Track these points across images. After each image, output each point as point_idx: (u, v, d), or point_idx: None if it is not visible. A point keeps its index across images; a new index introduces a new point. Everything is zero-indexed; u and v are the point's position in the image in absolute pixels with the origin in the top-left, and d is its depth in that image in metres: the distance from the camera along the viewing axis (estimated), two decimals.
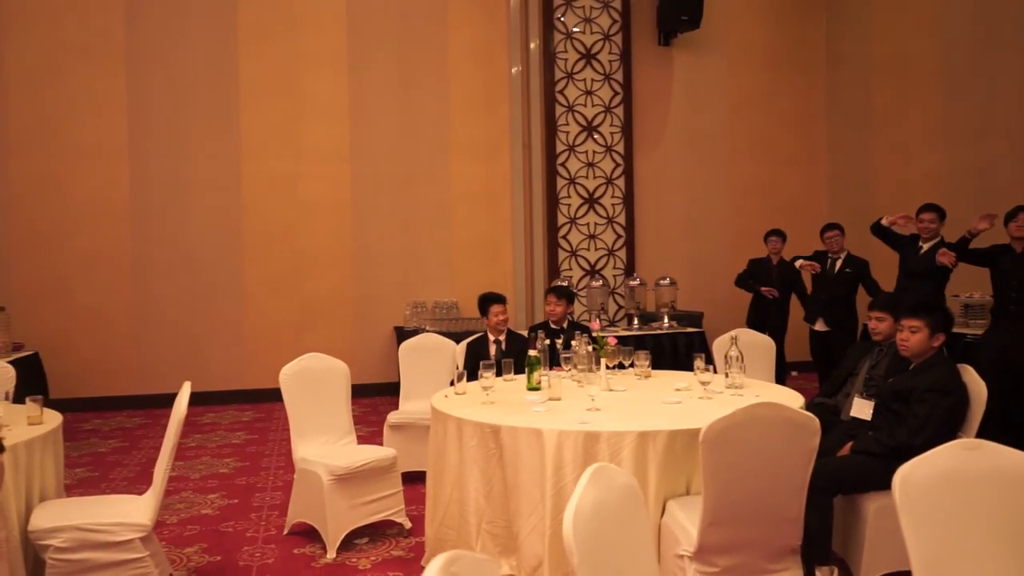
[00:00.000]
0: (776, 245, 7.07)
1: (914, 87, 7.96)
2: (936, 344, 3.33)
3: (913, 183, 7.80)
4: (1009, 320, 5.10)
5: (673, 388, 3.82)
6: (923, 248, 5.61)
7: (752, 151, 9.15)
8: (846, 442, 3.40)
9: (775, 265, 7.05)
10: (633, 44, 8.67)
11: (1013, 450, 2.01)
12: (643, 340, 6.82)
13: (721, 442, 2.59)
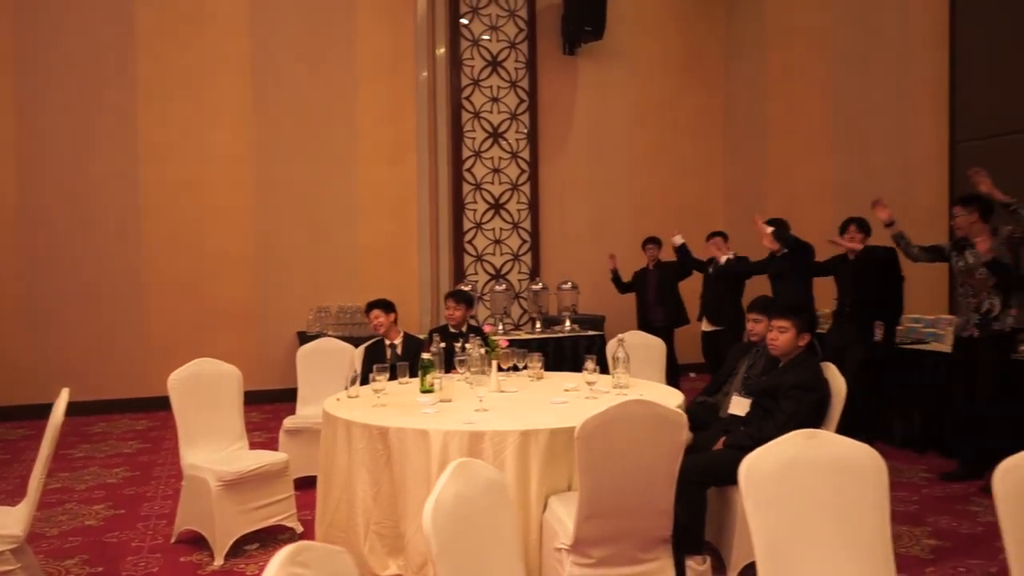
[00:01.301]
0: (653, 252, 7.39)
1: (804, 99, 8.37)
2: (802, 343, 3.55)
3: (802, 191, 8.20)
4: (844, 320, 5.58)
5: (562, 389, 3.95)
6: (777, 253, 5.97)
7: (653, 158, 9.44)
8: (721, 437, 3.58)
9: (652, 270, 7.37)
10: (538, 52, 8.83)
11: (845, 438, 2.17)
12: (545, 343, 6.98)
13: (595, 439, 2.70)
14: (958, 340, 4.93)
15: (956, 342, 4.98)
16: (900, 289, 5.59)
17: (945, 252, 5.07)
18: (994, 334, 4.72)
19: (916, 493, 4.68)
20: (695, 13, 9.57)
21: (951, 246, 5.03)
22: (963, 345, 4.88)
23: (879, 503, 2.11)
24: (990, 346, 4.74)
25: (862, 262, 5.51)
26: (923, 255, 5.17)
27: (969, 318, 4.81)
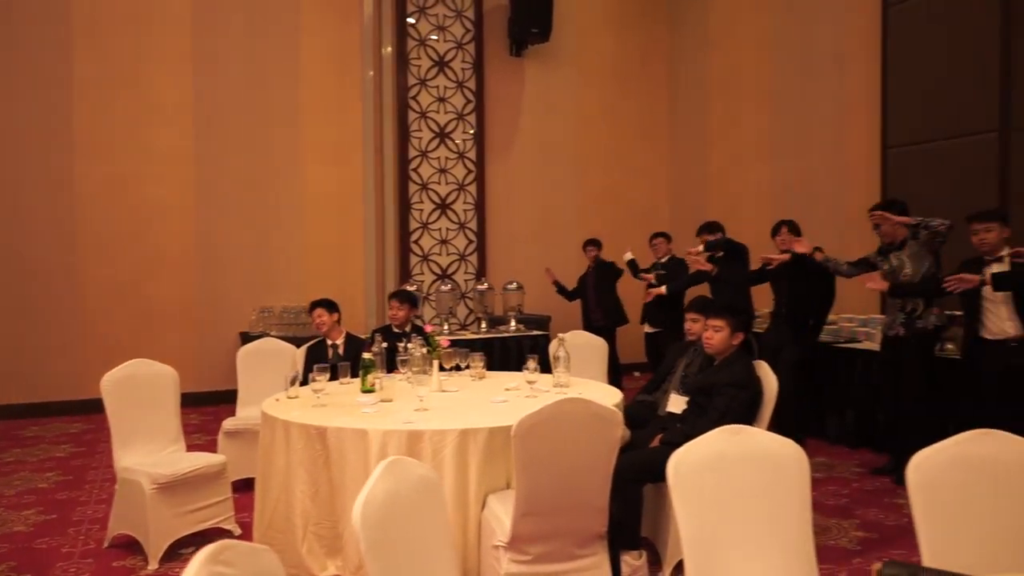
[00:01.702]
0: (593, 253, 7.52)
1: (745, 104, 8.55)
2: (736, 342, 3.64)
3: (743, 193, 8.38)
4: (780, 321, 5.73)
5: (503, 388, 3.98)
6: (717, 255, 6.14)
7: (599, 160, 9.54)
8: (657, 435, 3.65)
9: (591, 271, 7.49)
10: (486, 53, 8.85)
11: (769, 433, 2.25)
12: (491, 343, 7.00)
13: (531, 437, 2.74)
14: (885, 339, 5.10)
15: (884, 341, 5.14)
16: (833, 289, 5.75)
17: (871, 260, 5.25)
18: (918, 332, 4.89)
19: (847, 487, 4.83)
20: (640, 18, 9.71)
21: (876, 253, 5.21)
22: (890, 344, 5.04)
23: (801, 496, 2.19)
24: (915, 344, 4.90)
25: (797, 265, 5.64)
26: (853, 270, 5.35)
27: (896, 317, 4.98)
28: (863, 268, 5.34)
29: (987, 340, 4.45)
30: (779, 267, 5.73)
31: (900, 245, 5.01)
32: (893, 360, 5.03)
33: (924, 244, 4.90)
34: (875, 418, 5.59)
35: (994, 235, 4.40)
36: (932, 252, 4.90)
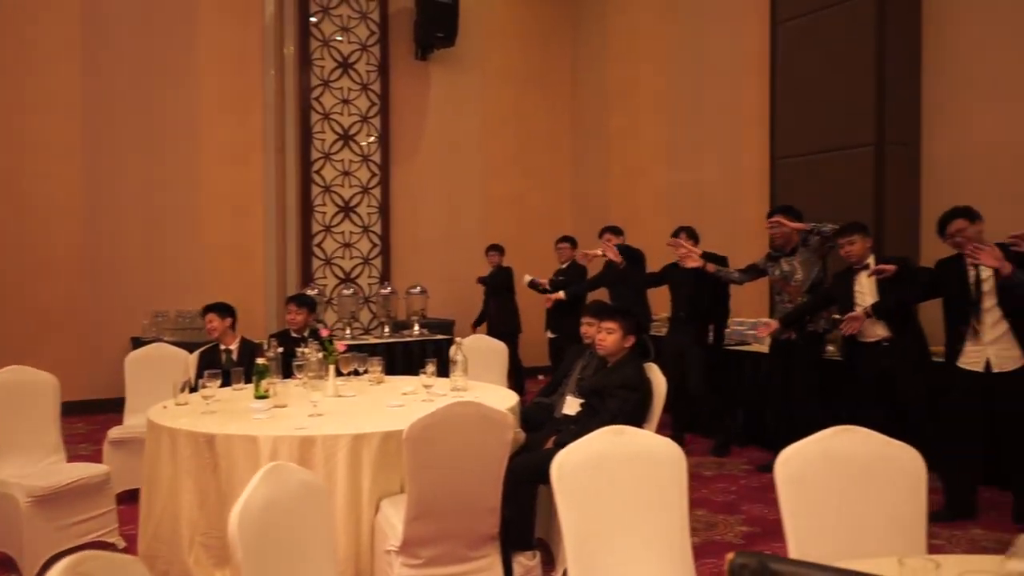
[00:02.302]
0: (494, 258, 7.65)
1: (644, 114, 8.79)
2: (627, 345, 3.74)
3: (643, 200, 8.61)
4: (679, 325, 5.91)
5: (400, 393, 3.97)
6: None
7: (504, 165, 9.62)
8: (552, 436, 3.71)
9: (491, 276, 7.62)
10: (391, 56, 8.81)
11: (650, 433, 2.34)
12: (394, 347, 6.97)
13: (422, 440, 2.75)
14: (776, 341, 5.32)
15: (774, 343, 5.37)
16: (728, 293, 6.00)
17: (760, 266, 5.48)
18: (808, 335, 5.14)
19: (735, 484, 5.03)
20: (544, 27, 9.86)
21: (766, 258, 5.43)
22: (781, 346, 5.26)
23: (678, 493, 2.27)
24: (804, 346, 5.14)
25: (695, 269, 5.83)
26: (744, 277, 5.58)
27: None
28: (752, 274, 5.58)
29: (861, 343, 4.72)
30: (678, 272, 5.90)
31: (792, 251, 5.23)
32: (784, 362, 5.24)
33: (814, 250, 5.15)
34: (762, 417, 5.84)
35: (858, 247, 4.69)
36: (821, 258, 5.16)
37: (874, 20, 5.88)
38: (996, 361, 4.07)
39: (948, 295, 4.30)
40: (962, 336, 4.16)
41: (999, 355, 4.07)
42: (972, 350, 4.14)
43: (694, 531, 4.09)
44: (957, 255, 4.21)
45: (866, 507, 2.19)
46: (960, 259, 4.18)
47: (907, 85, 5.98)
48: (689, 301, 5.88)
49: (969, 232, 4.13)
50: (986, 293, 4.07)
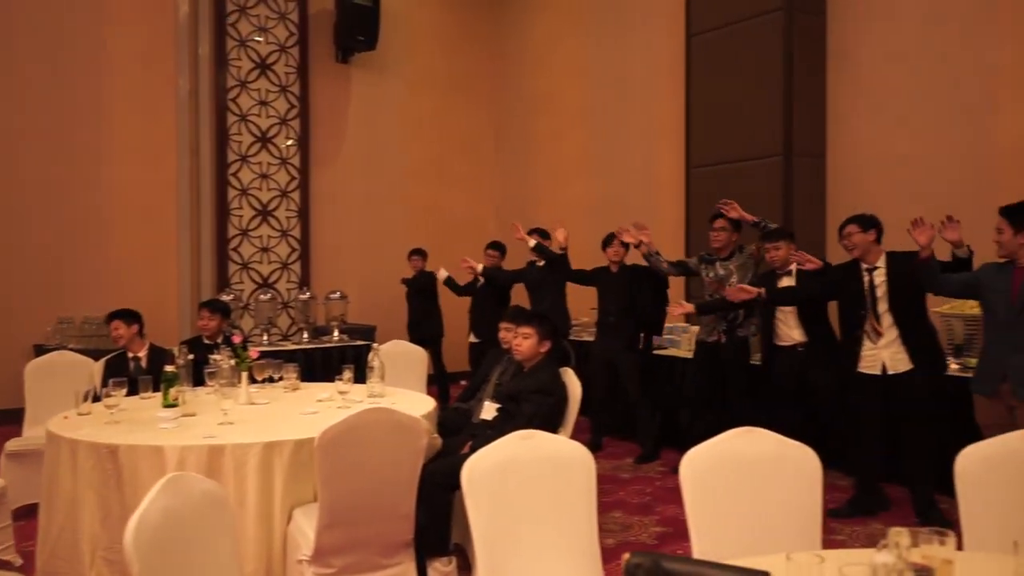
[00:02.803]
0: (417, 263, 7.65)
1: (565, 122, 8.91)
2: (543, 350, 3.79)
3: (565, 207, 8.70)
4: (609, 330, 5.95)
5: (316, 399, 3.92)
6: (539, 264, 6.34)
7: (427, 170, 9.59)
8: (468, 442, 3.72)
9: (415, 279, 7.62)
10: (311, 58, 8.68)
11: (559, 437, 2.38)
12: (312, 354, 6.87)
13: (334, 447, 2.73)
14: (704, 345, 5.35)
15: (701, 347, 5.39)
16: (666, 301, 5.99)
17: (691, 266, 5.51)
18: (737, 340, 5.26)
19: (650, 486, 5.14)
20: (466, 34, 9.88)
21: (698, 260, 5.46)
22: (708, 349, 5.31)
23: (587, 496, 2.31)
24: (734, 350, 5.23)
25: (628, 274, 5.92)
26: (673, 270, 5.62)
27: (717, 325, 5.27)
28: (681, 270, 5.60)
29: (779, 347, 4.89)
30: (608, 275, 5.96)
31: (728, 255, 5.32)
32: (711, 365, 5.31)
33: (750, 256, 5.27)
34: (678, 420, 5.96)
35: (782, 252, 4.85)
36: (756, 264, 5.29)
37: (782, 37, 6.12)
38: (891, 364, 4.26)
39: (844, 299, 4.47)
40: (859, 340, 4.34)
41: (893, 358, 4.25)
42: (868, 354, 4.32)
43: (610, 533, 4.19)
44: (854, 260, 4.40)
45: (766, 505, 2.27)
46: (857, 264, 4.37)
47: (813, 99, 6.24)
48: (619, 305, 5.89)
49: (856, 239, 4.31)
50: (879, 298, 4.26)
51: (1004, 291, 3.66)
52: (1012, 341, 3.63)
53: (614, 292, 5.93)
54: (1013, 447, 2.26)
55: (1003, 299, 3.66)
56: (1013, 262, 3.68)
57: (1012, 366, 3.62)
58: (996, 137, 5.33)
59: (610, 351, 5.93)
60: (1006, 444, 2.27)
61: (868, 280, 4.29)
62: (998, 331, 3.71)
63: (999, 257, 3.75)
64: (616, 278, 5.94)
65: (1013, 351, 3.62)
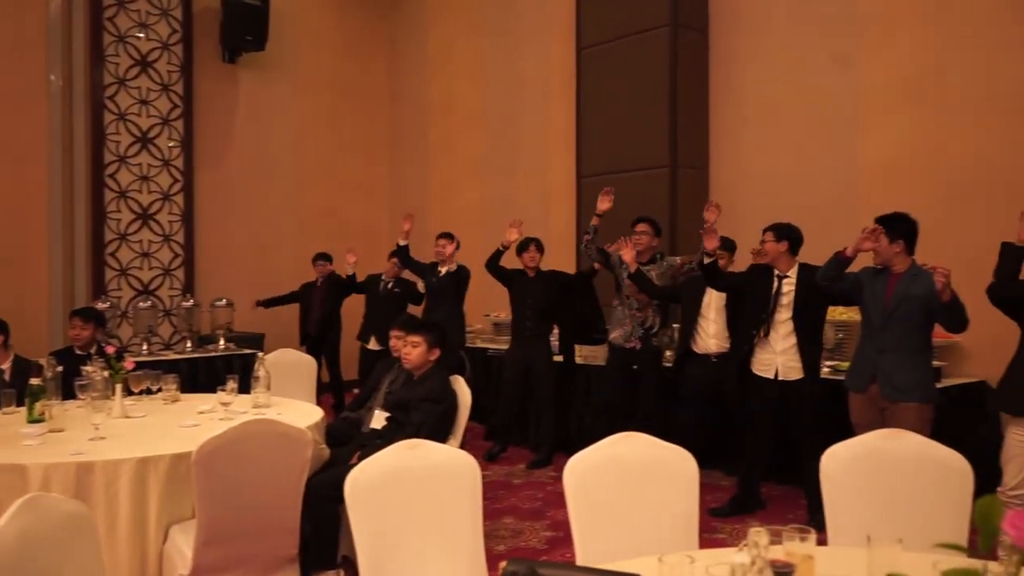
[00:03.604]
0: (323, 268, 7.51)
1: (461, 128, 8.93)
2: (432, 358, 3.78)
3: (460, 212, 8.72)
4: (526, 337, 5.94)
5: (196, 411, 3.78)
6: (441, 272, 6.31)
7: (320, 174, 9.42)
8: (357, 451, 3.67)
9: (319, 286, 7.49)
10: (195, 57, 8.37)
11: (444, 446, 2.37)
12: (196, 363, 6.61)
13: (213, 461, 2.63)
14: (620, 350, 5.37)
15: (616, 351, 5.42)
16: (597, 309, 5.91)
17: (612, 261, 5.40)
18: (652, 348, 5.34)
19: (542, 491, 5.19)
20: (360, 36, 9.77)
21: (619, 259, 5.31)
22: (623, 354, 5.35)
23: (473, 504, 2.32)
24: (648, 357, 5.31)
25: (545, 280, 5.93)
26: (599, 256, 5.44)
27: (633, 331, 5.33)
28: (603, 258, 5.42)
29: (695, 353, 5.02)
30: (524, 280, 5.95)
31: (650, 261, 5.36)
32: (625, 370, 5.36)
33: (670, 267, 5.34)
34: (569, 424, 6.05)
35: (723, 262, 4.94)
36: (673, 277, 5.35)
37: (667, 52, 6.33)
38: (783, 370, 4.44)
39: (751, 299, 4.58)
40: (751, 339, 4.50)
41: (786, 364, 4.43)
42: (764, 358, 4.48)
43: (500, 539, 4.21)
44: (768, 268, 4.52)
45: (646, 508, 2.34)
46: (771, 269, 4.52)
47: (697, 113, 6.49)
48: (536, 311, 5.87)
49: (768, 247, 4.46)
50: (783, 306, 4.43)
51: (879, 296, 3.88)
52: (881, 343, 3.85)
53: (531, 297, 5.89)
54: (872, 445, 2.41)
55: (878, 303, 3.88)
56: (888, 269, 3.90)
57: (880, 367, 3.85)
58: (864, 154, 5.68)
59: (527, 357, 5.92)
60: (865, 443, 2.42)
61: (776, 286, 4.45)
62: (871, 333, 3.93)
63: (875, 264, 3.96)
64: (533, 283, 5.93)
65: (881, 352, 3.85)
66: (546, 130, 7.85)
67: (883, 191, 5.46)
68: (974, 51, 5.18)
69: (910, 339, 3.80)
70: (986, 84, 5.13)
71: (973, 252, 4.81)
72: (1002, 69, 5.07)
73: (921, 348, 3.85)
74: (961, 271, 3.79)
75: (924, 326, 3.82)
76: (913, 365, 3.81)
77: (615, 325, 5.45)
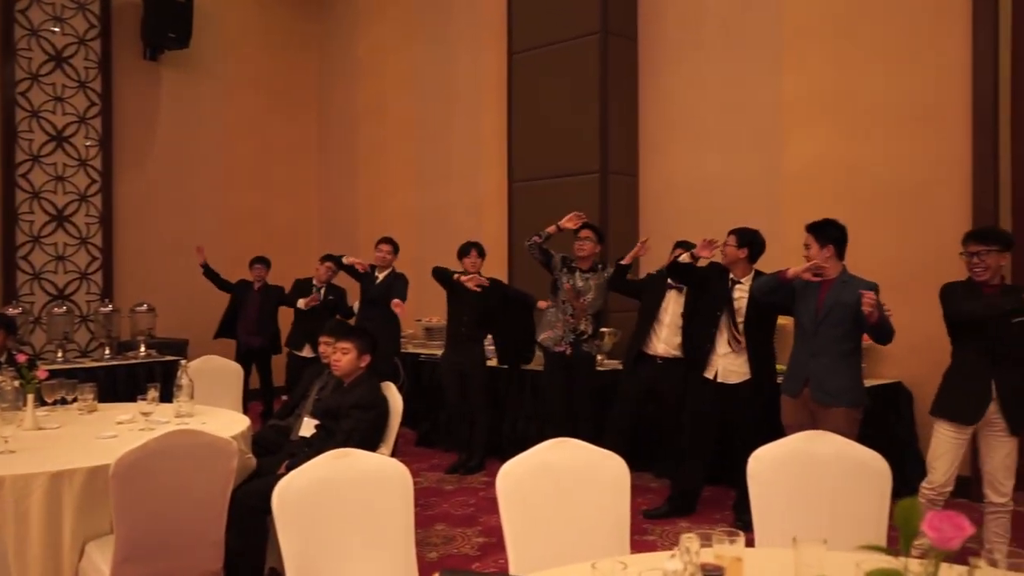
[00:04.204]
0: (260, 272, 7.33)
1: (392, 132, 8.84)
2: (363, 364, 3.72)
3: (391, 217, 8.63)
4: (461, 342, 5.92)
5: (115, 422, 3.63)
6: (379, 278, 6.23)
7: (246, 177, 9.20)
8: (285, 460, 3.59)
9: (256, 292, 7.30)
10: (115, 53, 8.08)
11: (374, 455, 2.34)
12: (115, 371, 6.37)
13: (133, 474, 2.53)
14: (552, 356, 5.37)
15: (549, 357, 5.41)
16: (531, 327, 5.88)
17: (553, 262, 5.33)
18: (583, 354, 5.34)
19: (474, 496, 5.17)
20: (289, 38, 9.59)
21: (561, 261, 5.34)
22: (555, 359, 5.35)
23: (404, 512, 2.28)
24: (580, 364, 5.32)
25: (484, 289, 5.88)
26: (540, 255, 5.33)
27: (564, 335, 5.32)
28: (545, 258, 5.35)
29: (645, 355, 5.02)
30: (461, 288, 5.89)
31: (590, 268, 5.35)
32: (560, 375, 5.35)
33: (604, 283, 5.33)
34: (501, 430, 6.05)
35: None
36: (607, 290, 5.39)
37: (598, 60, 6.40)
38: (723, 373, 4.51)
39: (707, 297, 4.64)
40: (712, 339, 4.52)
41: (727, 368, 4.51)
42: (712, 359, 4.54)
43: (432, 546, 4.17)
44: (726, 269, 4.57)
45: (579, 513, 2.34)
46: (726, 272, 4.56)
47: (627, 120, 6.58)
48: (472, 317, 5.84)
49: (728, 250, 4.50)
50: (736, 310, 4.49)
51: (811, 302, 3.98)
52: (812, 348, 3.94)
53: (468, 303, 5.84)
54: (796, 447, 2.47)
55: (810, 309, 3.98)
56: (820, 275, 3.98)
57: (812, 371, 3.94)
58: (786, 162, 5.85)
59: (461, 362, 5.88)
60: (790, 445, 2.48)
61: (729, 291, 4.50)
62: (804, 338, 4.02)
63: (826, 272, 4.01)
64: (468, 289, 5.89)
65: (812, 357, 3.94)
66: (478, 136, 7.85)
67: (804, 198, 5.63)
68: (886, 67, 5.39)
69: (840, 344, 3.87)
70: (897, 98, 5.35)
71: (886, 258, 5.02)
72: (910, 85, 5.29)
73: (851, 353, 3.93)
74: (874, 276, 3.91)
75: (854, 331, 3.89)
76: (843, 370, 3.89)
77: (545, 327, 5.45)
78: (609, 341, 6.08)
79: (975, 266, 3.55)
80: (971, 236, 3.63)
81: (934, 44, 5.21)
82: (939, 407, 3.70)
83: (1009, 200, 5.02)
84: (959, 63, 5.10)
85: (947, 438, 3.64)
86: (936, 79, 5.19)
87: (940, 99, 5.18)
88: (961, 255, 3.63)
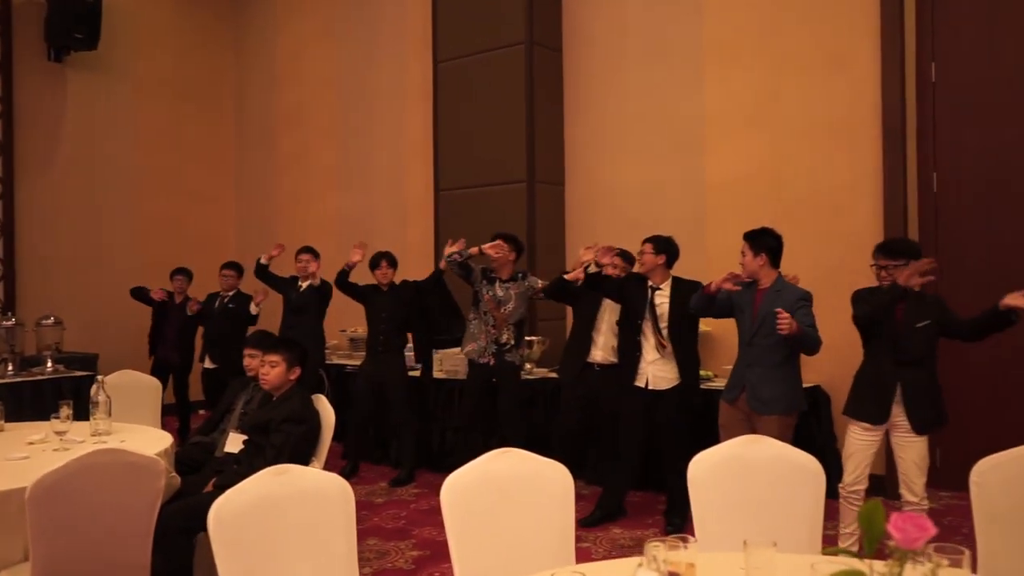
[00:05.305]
0: (181, 284, 7.06)
1: (313, 137, 8.67)
2: (293, 377, 3.62)
3: (312, 224, 8.46)
4: (378, 352, 5.84)
5: (25, 442, 3.43)
6: (302, 287, 6.09)
7: (159, 183, 8.86)
8: (212, 478, 3.46)
9: (178, 304, 7.02)
10: (16, 53, 7.68)
11: (313, 470, 2.27)
12: (20, 388, 6.02)
13: (51, 497, 2.39)
14: (475, 366, 5.34)
15: (472, 368, 5.38)
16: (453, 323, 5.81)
17: (473, 276, 5.32)
18: (505, 364, 5.29)
19: (405, 509, 5.09)
20: (205, 39, 9.30)
21: (481, 273, 5.33)
22: (479, 370, 5.32)
23: (346, 527, 2.23)
24: (506, 372, 5.28)
25: (398, 293, 5.79)
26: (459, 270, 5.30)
27: (487, 346, 5.28)
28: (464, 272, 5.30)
29: (586, 363, 5.00)
30: (378, 295, 5.80)
31: (509, 278, 5.31)
32: (484, 385, 5.33)
33: (529, 287, 5.33)
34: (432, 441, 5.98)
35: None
36: (530, 300, 5.38)
37: (524, 69, 6.43)
38: (653, 380, 4.56)
39: (627, 306, 4.68)
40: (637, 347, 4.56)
41: (655, 375, 4.55)
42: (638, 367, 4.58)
43: (366, 561, 4.09)
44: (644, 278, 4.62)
45: (524, 522, 2.33)
46: (644, 280, 4.61)
47: (552, 130, 6.63)
48: (389, 326, 5.77)
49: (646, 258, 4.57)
50: (659, 316, 4.54)
51: (747, 311, 4.06)
52: (750, 356, 4.02)
53: (386, 311, 5.78)
54: (733, 452, 2.52)
55: (746, 319, 4.06)
56: (756, 283, 4.08)
57: (748, 379, 4.02)
58: (709, 173, 5.99)
59: (380, 373, 5.79)
60: (728, 449, 2.53)
61: (650, 297, 4.55)
62: (742, 346, 4.10)
63: (743, 278, 4.08)
64: (386, 297, 5.82)
65: (748, 366, 4.02)
66: (403, 142, 7.77)
67: (727, 208, 5.78)
68: (802, 81, 5.60)
69: (773, 354, 3.94)
70: (813, 112, 5.56)
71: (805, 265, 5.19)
72: (825, 99, 5.51)
73: (785, 361, 3.98)
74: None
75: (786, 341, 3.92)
76: (778, 379, 3.97)
77: (468, 339, 5.43)
78: (538, 349, 6.10)
79: (883, 279, 3.73)
80: (880, 249, 3.80)
81: (846, 61, 5.44)
82: (849, 408, 3.86)
83: (916, 209, 5.28)
84: (869, 78, 5.34)
85: (857, 438, 3.79)
86: (849, 93, 5.42)
87: (852, 113, 5.41)
88: (872, 266, 3.79)
